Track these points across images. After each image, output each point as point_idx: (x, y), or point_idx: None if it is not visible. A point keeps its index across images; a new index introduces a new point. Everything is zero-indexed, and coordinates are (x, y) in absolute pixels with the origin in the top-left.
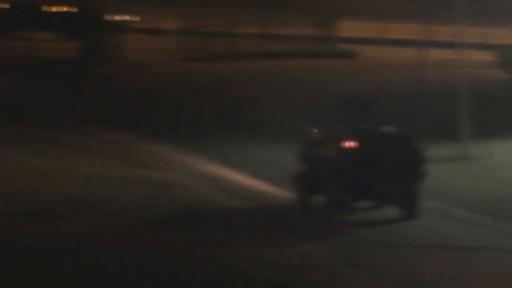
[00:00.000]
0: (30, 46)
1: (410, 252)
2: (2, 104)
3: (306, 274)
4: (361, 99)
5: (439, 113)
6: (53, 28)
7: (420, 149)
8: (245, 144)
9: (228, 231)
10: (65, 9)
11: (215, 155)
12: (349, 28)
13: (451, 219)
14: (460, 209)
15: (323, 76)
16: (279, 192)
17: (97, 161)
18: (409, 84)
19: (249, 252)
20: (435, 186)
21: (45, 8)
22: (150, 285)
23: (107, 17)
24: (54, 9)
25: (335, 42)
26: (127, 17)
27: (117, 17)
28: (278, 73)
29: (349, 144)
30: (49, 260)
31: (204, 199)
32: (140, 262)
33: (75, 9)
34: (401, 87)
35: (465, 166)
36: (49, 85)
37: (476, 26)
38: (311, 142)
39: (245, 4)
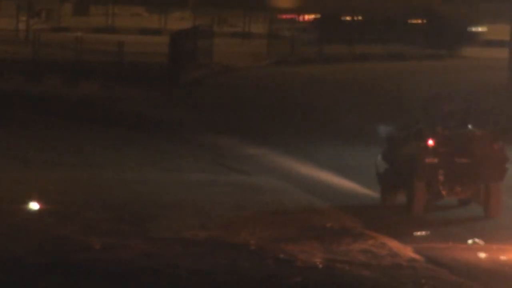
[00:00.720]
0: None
1: (497, 254)
2: (104, 110)
3: (396, 275)
4: (448, 98)
5: None
6: None
7: (503, 148)
8: (337, 147)
9: (315, 232)
10: None
11: (307, 158)
12: None
13: None
14: None
15: (417, 77)
16: (367, 192)
17: (189, 165)
18: (504, 85)
19: (338, 253)
20: None
21: None
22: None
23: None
24: None
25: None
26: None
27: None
28: (371, 75)
29: (430, 142)
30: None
31: (293, 201)
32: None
33: None
34: (495, 87)
35: None
36: (143, 91)
37: None
38: (396, 141)
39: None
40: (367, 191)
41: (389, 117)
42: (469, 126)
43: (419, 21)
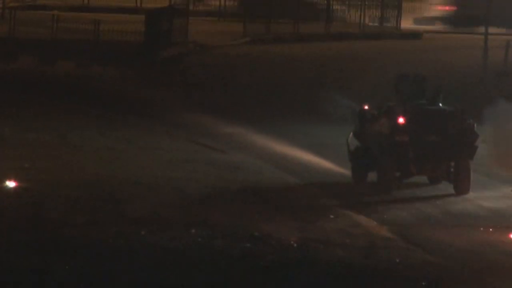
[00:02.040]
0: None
1: (471, 232)
2: (80, 88)
3: (371, 254)
4: (418, 77)
5: (503, 92)
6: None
7: (472, 126)
8: (312, 125)
9: (290, 211)
10: None
11: (281, 136)
12: (410, 10)
13: (503, 196)
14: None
15: (389, 57)
16: (342, 171)
17: (161, 144)
18: (476, 65)
19: (314, 232)
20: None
21: None
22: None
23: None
24: None
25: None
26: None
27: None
28: (344, 55)
29: (400, 120)
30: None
31: (268, 179)
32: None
33: None
34: (466, 67)
35: None
36: (119, 69)
37: None
38: (367, 120)
39: None
40: (342, 170)
41: (363, 96)
42: (440, 104)
43: None
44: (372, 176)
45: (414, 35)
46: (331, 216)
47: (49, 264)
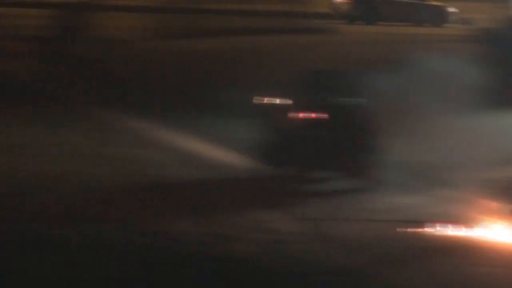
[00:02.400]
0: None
1: (379, 227)
2: None
3: (282, 250)
4: (326, 72)
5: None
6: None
7: (380, 123)
8: (218, 119)
9: (194, 205)
10: None
11: (186, 131)
12: (320, 3)
13: (413, 192)
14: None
15: (297, 52)
16: (247, 165)
17: (70, 138)
18: (385, 59)
19: (218, 227)
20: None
21: None
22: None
23: None
24: None
25: (310, 18)
26: None
27: None
28: (252, 50)
29: (311, 114)
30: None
31: (172, 173)
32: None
33: None
34: (376, 62)
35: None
36: (25, 64)
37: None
38: (275, 113)
39: None
40: (249, 163)
41: (270, 90)
42: (350, 100)
43: None
44: (279, 169)
45: (322, 30)
46: (235, 210)
47: None
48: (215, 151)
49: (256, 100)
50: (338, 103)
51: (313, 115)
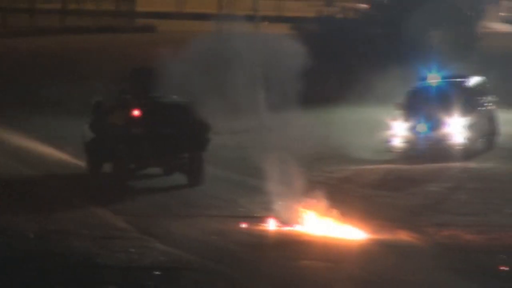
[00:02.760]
0: None
1: (203, 222)
2: None
3: (107, 244)
4: (150, 71)
5: (238, 85)
6: None
7: (204, 119)
8: (48, 118)
9: (28, 203)
10: None
11: (20, 129)
12: (148, 3)
13: (234, 185)
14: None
15: (123, 50)
16: (77, 163)
17: None
18: (210, 57)
19: (51, 224)
20: (224, 156)
21: None
22: None
23: None
24: None
25: (135, 17)
26: None
27: None
28: (79, 49)
29: (136, 113)
30: None
31: (6, 172)
32: None
33: None
34: (200, 60)
35: (258, 137)
36: None
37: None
38: (101, 112)
39: None
40: (78, 161)
41: (99, 89)
42: (173, 98)
43: None
44: (107, 167)
45: (147, 29)
46: (68, 207)
47: None
48: (46, 149)
49: (91, 99)
50: (158, 101)
51: (136, 113)
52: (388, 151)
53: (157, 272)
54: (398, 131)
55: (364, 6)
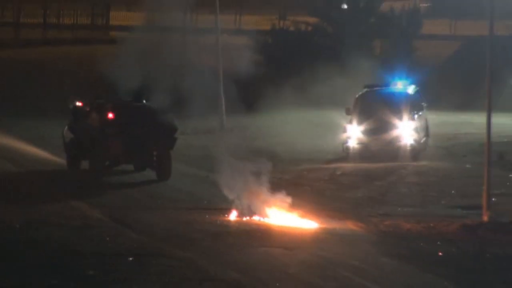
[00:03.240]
0: None
1: (172, 213)
2: None
3: (84, 234)
4: (126, 77)
5: (204, 92)
6: None
7: (172, 121)
8: (29, 121)
9: (12, 196)
10: None
11: (4, 130)
12: (121, 17)
13: (199, 181)
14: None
15: (98, 60)
16: (57, 160)
17: None
18: (175, 66)
19: (34, 215)
20: (189, 154)
21: None
22: None
23: None
24: None
25: (109, 30)
26: None
27: None
28: (58, 59)
29: (110, 116)
30: None
31: None
32: None
33: None
34: (167, 67)
35: (218, 137)
36: None
37: (233, 14)
38: (79, 114)
39: None
40: (58, 159)
41: (75, 94)
42: (144, 101)
43: None
44: (84, 164)
45: (119, 41)
46: (49, 200)
47: None
48: (28, 148)
49: (69, 103)
50: (139, 106)
51: (110, 115)
52: (344, 152)
53: (130, 258)
54: (353, 133)
55: (314, 19)
